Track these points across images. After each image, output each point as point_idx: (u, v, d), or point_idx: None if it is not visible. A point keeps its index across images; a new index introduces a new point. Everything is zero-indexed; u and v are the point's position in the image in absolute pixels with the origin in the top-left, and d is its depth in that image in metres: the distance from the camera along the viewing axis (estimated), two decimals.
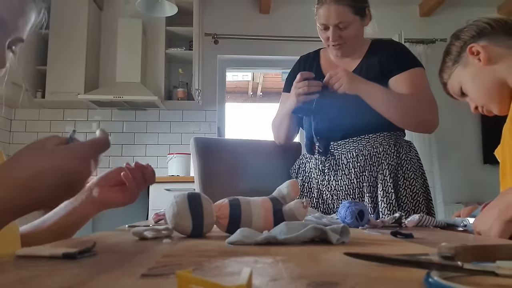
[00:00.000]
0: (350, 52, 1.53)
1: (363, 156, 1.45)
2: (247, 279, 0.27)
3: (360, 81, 1.38)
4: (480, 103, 1.09)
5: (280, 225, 0.63)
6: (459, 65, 1.10)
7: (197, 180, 1.61)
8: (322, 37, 1.51)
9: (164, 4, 2.81)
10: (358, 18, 1.46)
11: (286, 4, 3.90)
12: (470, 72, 1.08)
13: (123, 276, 0.36)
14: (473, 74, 1.07)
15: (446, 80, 1.16)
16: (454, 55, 1.11)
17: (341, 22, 1.43)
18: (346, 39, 1.46)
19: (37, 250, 0.48)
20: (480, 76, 1.06)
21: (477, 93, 1.08)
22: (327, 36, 1.47)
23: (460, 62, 1.10)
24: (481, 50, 1.04)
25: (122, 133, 3.75)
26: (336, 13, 1.41)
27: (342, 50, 1.50)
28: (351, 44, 1.49)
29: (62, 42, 3.44)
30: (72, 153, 0.55)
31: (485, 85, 1.06)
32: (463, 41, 1.09)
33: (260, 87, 6.67)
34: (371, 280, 0.35)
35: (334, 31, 1.44)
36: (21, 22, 0.71)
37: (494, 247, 0.39)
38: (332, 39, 1.46)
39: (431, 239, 0.71)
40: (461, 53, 1.10)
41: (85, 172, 0.56)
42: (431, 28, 3.92)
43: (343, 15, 1.42)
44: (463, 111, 3.87)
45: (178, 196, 0.69)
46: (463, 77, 1.10)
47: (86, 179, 0.57)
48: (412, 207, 1.39)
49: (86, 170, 0.56)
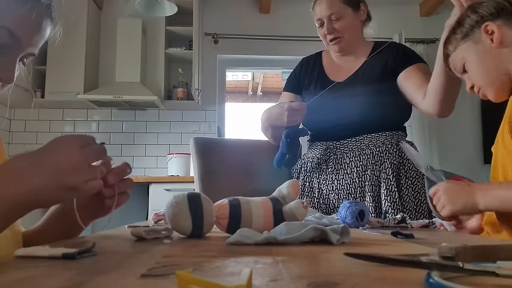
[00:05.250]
0: (349, 49, 1.53)
1: (365, 155, 1.45)
2: (247, 279, 0.27)
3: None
4: (478, 84, 1.04)
5: (280, 225, 0.63)
6: (469, 40, 1.02)
7: (197, 180, 1.61)
8: (321, 34, 1.55)
9: (163, 3, 2.81)
10: (350, 9, 1.50)
11: (286, 4, 3.90)
12: (479, 50, 1.01)
13: (122, 276, 0.36)
14: (481, 53, 1.01)
15: (450, 52, 1.07)
16: (466, 29, 1.03)
17: (333, 13, 1.48)
18: (340, 31, 1.50)
19: (37, 251, 0.47)
20: (487, 58, 1.00)
21: (479, 74, 1.02)
22: (324, 32, 1.52)
23: (471, 38, 1.02)
24: (496, 30, 0.97)
25: (122, 133, 3.75)
26: (326, 4, 1.49)
27: (340, 45, 1.52)
28: (348, 39, 1.51)
29: (62, 41, 3.43)
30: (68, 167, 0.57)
31: (490, 68, 1.00)
32: (480, 15, 1.01)
33: (260, 87, 6.67)
34: (371, 280, 0.35)
35: (328, 23, 1.49)
36: (35, 38, 0.71)
37: (495, 247, 0.39)
38: (326, 32, 1.50)
39: (431, 239, 0.71)
40: (474, 28, 1.01)
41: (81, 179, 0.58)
42: (431, 27, 3.91)
43: (333, 5, 1.48)
44: (463, 111, 3.89)
45: (178, 196, 0.69)
46: (470, 54, 1.03)
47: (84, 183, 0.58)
48: (414, 206, 1.40)
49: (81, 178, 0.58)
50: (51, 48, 3.43)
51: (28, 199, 0.55)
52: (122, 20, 3.57)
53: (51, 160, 0.57)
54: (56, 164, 0.57)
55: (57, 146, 0.59)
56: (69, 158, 0.58)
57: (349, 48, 1.53)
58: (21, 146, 3.61)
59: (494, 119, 1.15)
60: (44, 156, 0.58)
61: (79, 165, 0.58)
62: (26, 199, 0.55)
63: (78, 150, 0.59)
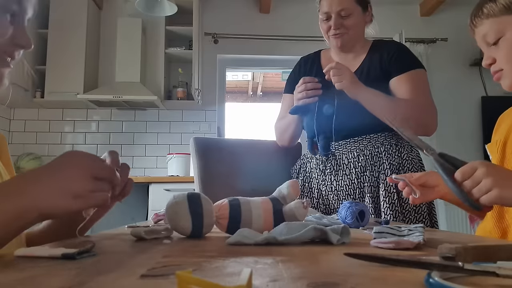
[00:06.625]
0: (350, 46, 1.53)
1: (364, 156, 1.45)
2: (247, 280, 0.27)
3: (361, 85, 1.38)
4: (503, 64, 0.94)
5: (280, 226, 0.63)
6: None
7: (197, 180, 1.61)
8: (323, 28, 1.52)
9: (163, 3, 2.81)
10: (360, 9, 1.49)
11: (286, 4, 3.90)
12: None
13: (122, 276, 0.36)
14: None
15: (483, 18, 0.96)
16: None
17: (343, 9, 1.46)
18: (348, 28, 1.48)
19: (37, 251, 0.47)
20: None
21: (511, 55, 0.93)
22: (329, 26, 1.49)
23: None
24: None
25: (122, 133, 3.75)
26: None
27: (342, 40, 1.50)
28: (352, 37, 1.50)
29: (62, 41, 3.43)
30: None
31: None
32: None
33: (260, 87, 6.66)
34: (371, 280, 0.35)
35: (336, 19, 1.47)
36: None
37: (495, 247, 0.39)
38: (334, 27, 1.48)
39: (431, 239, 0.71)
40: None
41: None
42: (431, 27, 3.92)
43: (346, 2, 1.46)
44: (464, 111, 3.89)
45: (177, 196, 0.69)
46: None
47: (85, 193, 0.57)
48: (413, 207, 1.39)
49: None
50: (51, 48, 3.44)
51: (31, 208, 0.53)
52: (122, 20, 3.57)
53: (57, 168, 0.56)
54: (63, 172, 0.56)
55: (67, 157, 0.58)
56: (76, 167, 0.57)
57: (350, 45, 1.52)
58: (21, 146, 3.61)
59: (494, 119, 1.15)
60: (51, 165, 0.57)
61: (87, 175, 0.57)
62: (30, 208, 0.53)
63: (88, 162, 0.58)
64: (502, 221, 0.97)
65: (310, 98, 1.45)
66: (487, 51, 0.97)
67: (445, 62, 3.87)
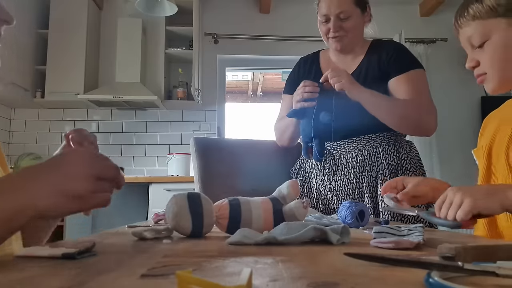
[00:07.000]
0: (349, 49, 1.53)
1: (362, 156, 1.45)
2: (247, 280, 0.27)
3: (359, 86, 1.38)
4: (486, 68, 0.92)
5: (280, 226, 0.63)
6: (504, 20, 0.90)
7: (197, 180, 1.61)
8: (322, 30, 1.52)
9: (163, 3, 2.81)
10: (359, 11, 1.48)
11: (286, 4, 3.90)
12: (510, 37, 0.89)
13: (122, 276, 0.36)
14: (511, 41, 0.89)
15: (468, 19, 0.93)
16: (503, 6, 0.89)
17: (342, 12, 1.45)
18: (347, 30, 1.47)
19: (37, 251, 0.47)
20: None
21: (496, 59, 0.91)
22: (328, 28, 1.48)
23: (506, 17, 0.89)
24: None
25: (122, 133, 3.75)
26: (338, 2, 1.45)
27: (342, 43, 1.50)
28: (351, 39, 1.50)
29: (62, 41, 3.43)
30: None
31: (510, 59, 0.90)
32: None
33: (260, 87, 6.66)
34: (371, 280, 0.35)
35: (335, 21, 1.46)
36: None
37: (495, 247, 0.39)
38: (333, 29, 1.47)
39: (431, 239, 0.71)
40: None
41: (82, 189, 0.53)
42: (431, 28, 3.91)
43: (345, 4, 1.45)
44: (463, 112, 3.89)
45: (177, 196, 0.69)
46: (498, 35, 0.90)
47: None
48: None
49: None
50: (51, 48, 3.44)
51: (28, 206, 0.50)
52: (122, 20, 3.57)
53: (58, 166, 0.53)
54: (63, 170, 0.52)
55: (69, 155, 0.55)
56: (78, 165, 0.53)
57: (349, 47, 1.52)
58: (21, 146, 3.61)
59: None
60: (51, 163, 0.54)
61: (89, 175, 0.53)
62: (27, 206, 0.50)
63: (91, 161, 0.54)
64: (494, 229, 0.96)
65: (307, 102, 1.42)
66: (471, 53, 0.96)
67: (445, 62, 3.87)
